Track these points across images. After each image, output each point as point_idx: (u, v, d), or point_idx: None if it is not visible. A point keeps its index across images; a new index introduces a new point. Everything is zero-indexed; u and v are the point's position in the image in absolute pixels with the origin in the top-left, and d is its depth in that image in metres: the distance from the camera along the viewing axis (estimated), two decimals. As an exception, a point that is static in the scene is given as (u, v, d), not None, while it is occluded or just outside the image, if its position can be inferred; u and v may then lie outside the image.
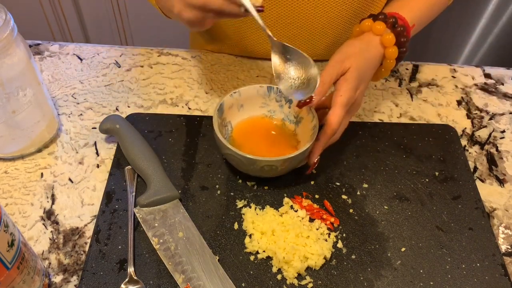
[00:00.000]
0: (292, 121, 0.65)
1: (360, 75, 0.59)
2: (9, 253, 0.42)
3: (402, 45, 0.62)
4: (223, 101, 0.61)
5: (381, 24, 0.61)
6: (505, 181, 0.66)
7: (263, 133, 0.65)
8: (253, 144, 0.63)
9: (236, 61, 0.82)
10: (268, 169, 0.57)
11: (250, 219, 0.57)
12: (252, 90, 0.64)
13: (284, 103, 0.64)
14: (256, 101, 0.65)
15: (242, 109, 0.65)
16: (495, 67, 0.84)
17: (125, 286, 0.51)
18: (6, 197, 0.60)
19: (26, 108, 0.60)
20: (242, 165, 0.57)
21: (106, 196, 0.60)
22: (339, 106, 0.57)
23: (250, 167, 0.57)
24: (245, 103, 0.64)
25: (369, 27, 0.62)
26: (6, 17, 0.54)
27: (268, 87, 0.64)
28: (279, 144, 0.64)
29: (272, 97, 0.65)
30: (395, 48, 0.61)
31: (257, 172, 0.58)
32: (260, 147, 0.62)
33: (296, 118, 0.64)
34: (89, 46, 0.84)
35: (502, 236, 0.59)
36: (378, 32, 0.61)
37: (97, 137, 0.68)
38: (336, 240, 0.56)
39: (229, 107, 0.63)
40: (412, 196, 0.62)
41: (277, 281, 0.53)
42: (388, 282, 0.53)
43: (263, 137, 0.65)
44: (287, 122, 0.65)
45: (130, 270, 0.52)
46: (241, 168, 0.60)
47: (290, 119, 0.65)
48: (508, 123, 0.74)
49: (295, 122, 0.64)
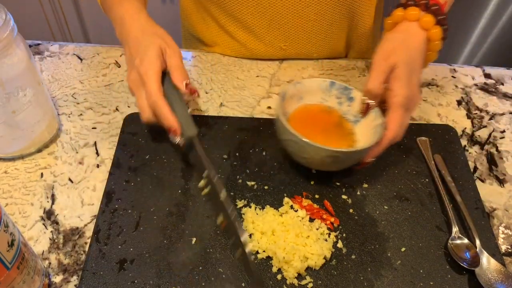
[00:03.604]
0: (350, 120, 0.64)
1: (409, 68, 0.57)
2: (9, 253, 0.42)
3: (442, 23, 0.59)
4: (287, 90, 0.61)
5: (414, 9, 0.59)
6: (505, 181, 0.66)
7: (320, 126, 0.64)
8: (309, 135, 0.59)
9: (236, 61, 0.82)
10: (329, 161, 0.56)
11: (250, 219, 0.57)
12: (315, 83, 0.63)
13: (344, 100, 0.64)
14: (316, 94, 0.64)
15: (301, 101, 0.64)
16: (495, 67, 0.84)
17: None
18: (6, 197, 0.60)
19: (26, 108, 0.60)
20: (304, 152, 0.56)
21: (106, 196, 0.60)
22: (396, 108, 0.56)
23: (311, 156, 0.56)
24: (305, 96, 0.64)
25: (402, 16, 0.60)
26: (6, 17, 0.54)
27: (331, 82, 0.63)
28: (335, 140, 0.62)
29: (332, 93, 0.64)
30: (438, 27, 0.59)
31: (315, 163, 0.57)
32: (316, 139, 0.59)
33: (355, 117, 0.63)
34: (89, 46, 0.84)
35: (502, 236, 0.59)
36: (413, 18, 0.59)
37: (97, 137, 0.68)
38: (336, 240, 0.56)
39: (290, 97, 0.62)
40: (412, 196, 0.62)
41: (277, 281, 0.53)
42: (388, 282, 0.53)
43: (319, 130, 0.63)
44: (345, 120, 0.64)
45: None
46: (298, 156, 0.58)
47: (348, 117, 0.64)
48: (508, 123, 0.74)
49: (353, 121, 0.64)
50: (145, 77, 0.58)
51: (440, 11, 0.59)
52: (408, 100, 0.57)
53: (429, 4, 0.59)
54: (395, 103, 0.56)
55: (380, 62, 0.57)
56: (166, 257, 0.54)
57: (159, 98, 0.57)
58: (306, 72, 0.81)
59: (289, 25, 0.77)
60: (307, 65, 0.82)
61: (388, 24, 0.63)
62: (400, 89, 0.56)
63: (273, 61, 0.83)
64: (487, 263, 0.54)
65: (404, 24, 0.60)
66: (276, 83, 0.78)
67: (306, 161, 0.59)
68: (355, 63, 0.83)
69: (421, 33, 0.59)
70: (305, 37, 0.79)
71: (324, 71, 0.81)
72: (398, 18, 0.61)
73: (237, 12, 0.76)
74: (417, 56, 0.59)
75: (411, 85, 0.57)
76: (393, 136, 0.57)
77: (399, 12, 0.60)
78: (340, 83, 0.63)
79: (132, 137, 0.67)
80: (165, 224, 0.57)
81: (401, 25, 0.61)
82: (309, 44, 0.81)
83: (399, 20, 0.61)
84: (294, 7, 0.74)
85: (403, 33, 0.60)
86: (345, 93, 0.63)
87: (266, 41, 0.80)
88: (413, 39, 0.59)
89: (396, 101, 0.56)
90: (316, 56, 0.83)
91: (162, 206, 0.59)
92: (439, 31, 0.59)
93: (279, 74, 0.80)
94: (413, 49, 0.59)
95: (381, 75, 0.57)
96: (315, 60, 0.83)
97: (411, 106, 0.59)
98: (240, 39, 0.80)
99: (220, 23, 0.80)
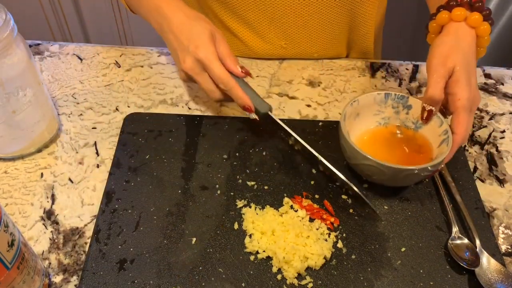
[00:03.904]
0: (409, 127, 0.64)
1: (467, 70, 0.57)
2: (9, 253, 0.42)
3: (488, 18, 0.59)
4: (345, 111, 0.60)
5: (460, 9, 0.59)
6: (505, 181, 0.66)
7: (381, 142, 0.64)
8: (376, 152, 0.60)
9: (236, 61, 0.82)
10: (410, 178, 0.56)
11: (250, 219, 0.57)
12: (370, 97, 0.63)
13: (401, 109, 0.63)
14: (371, 108, 0.64)
15: (358, 118, 0.64)
16: (495, 67, 0.84)
17: None
18: (6, 197, 0.60)
19: (26, 108, 0.60)
20: (382, 175, 0.56)
21: (106, 196, 0.60)
22: (461, 112, 0.56)
23: (392, 177, 0.56)
24: (361, 112, 0.63)
25: (447, 18, 0.60)
26: (6, 17, 0.54)
27: (386, 94, 0.63)
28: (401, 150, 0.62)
29: (388, 103, 0.63)
30: (486, 23, 0.59)
31: (396, 181, 0.58)
32: (384, 155, 0.60)
33: (415, 124, 0.63)
34: (89, 46, 0.84)
35: (502, 236, 0.59)
36: (460, 18, 0.59)
37: (97, 137, 0.68)
38: (336, 240, 0.56)
39: (348, 117, 0.61)
40: (412, 196, 0.62)
41: (277, 281, 0.53)
42: (388, 282, 0.53)
43: (383, 146, 0.63)
44: (404, 128, 0.64)
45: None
46: (376, 178, 0.58)
47: (408, 125, 0.64)
48: (508, 123, 0.74)
49: (414, 128, 0.63)
50: (207, 61, 0.60)
51: (483, 7, 0.59)
52: (471, 102, 0.57)
53: (472, 2, 0.59)
54: (459, 107, 0.56)
55: (438, 67, 0.57)
56: (166, 257, 0.54)
57: (230, 79, 0.61)
58: (306, 72, 0.81)
59: (290, 24, 0.77)
60: (307, 65, 0.82)
61: (433, 27, 0.62)
62: (462, 92, 0.56)
63: (273, 61, 0.83)
64: (487, 263, 0.54)
65: (452, 25, 0.60)
66: (276, 83, 0.78)
67: (384, 181, 0.59)
68: (355, 63, 0.83)
69: (470, 32, 0.59)
70: (306, 36, 0.79)
71: (324, 71, 0.81)
72: (444, 20, 0.60)
73: (239, 9, 0.77)
74: (471, 56, 0.59)
75: (471, 86, 0.57)
76: (462, 140, 0.56)
77: (444, 14, 0.60)
78: (396, 93, 0.63)
79: (132, 137, 0.67)
80: (165, 224, 0.57)
81: (448, 26, 0.60)
82: (310, 43, 0.81)
83: (445, 22, 0.60)
84: (296, 6, 0.74)
85: (453, 35, 0.59)
86: (401, 102, 0.63)
87: (266, 39, 0.80)
88: (465, 40, 0.59)
89: (460, 105, 0.56)
90: (316, 56, 0.83)
91: (162, 206, 0.59)
92: (488, 27, 0.59)
93: (279, 74, 0.80)
94: (467, 50, 0.58)
95: (441, 81, 0.56)
96: (315, 60, 0.83)
97: (474, 107, 0.58)
98: (241, 36, 0.81)
99: (222, 20, 0.80)
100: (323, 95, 0.77)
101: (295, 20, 0.77)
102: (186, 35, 0.61)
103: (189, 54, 0.61)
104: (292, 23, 0.77)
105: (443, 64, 0.56)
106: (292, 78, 0.80)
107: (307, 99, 0.76)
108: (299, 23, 0.77)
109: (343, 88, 0.78)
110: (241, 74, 0.62)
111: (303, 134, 0.68)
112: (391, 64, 0.83)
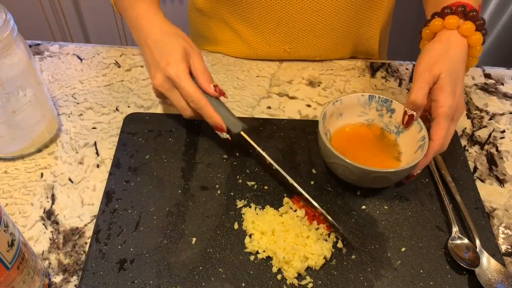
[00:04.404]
0: (392, 131, 0.64)
1: (453, 78, 0.57)
2: (9, 253, 0.42)
3: (481, 28, 0.59)
4: (326, 110, 0.60)
5: (453, 17, 0.59)
6: (505, 181, 0.66)
7: (362, 141, 0.64)
8: (354, 153, 0.61)
9: (236, 61, 0.82)
10: (379, 180, 0.56)
11: (250, 219, 0.57)
12: (353, 98, 0.63)
13: (384, 112, 0.63)
14: (355, 109, 0.64)
15: (340, 118, 0.64)
16: (495, 67, 0.84)
17: None
18: (6, 197, 0.60)
19: (26, 108, 0.60)
20: (352, 175, 0.56)
21: (106, 196, 0.60)
22: (442, 119, 0.55)
23: (360, 178, 0.56)
24: (344, 112, 0.64)
25: (440, 26, 0.60)
26: (6, 17, 0.54)
27: (370, 96, 0.63)
28: (380, 153, 0.62)
29: (372, 105, 0.64)
30: (478, 33, 0.59)
31: (365, 183, 0.57)
32: (361, 156, 0.60)
33: (397, 128, 0.63)
34: (89, 46, 0.84)
35: (502, 236, 0.59)
36: (453, 26, 0.59)
37: (97, 137, 0.68)
38: (336, 240, 0.56)
39: (330, 116, 0.62)
40: (412, 196, 0.62)
41: (277, 281, 0.53)
42: (388, 282, 0.53)
43: (363, 146, 0.63)
44: (387, 132, 0.64)
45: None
46: (346, 177, 0.58)
47: (391, 128, 0.64)
48: (508, 123, 0.74)
49: (396, 132, 0.63)
50: (177, 78, 0.59)
51: (477, 16, 0.59)
52: (453, 111, 0.56)
53: (466, 11, 0.59)
54: (440, 114, 0.56)
55: (424, 73, 0.56)
56: (166, 257, 0.54)
57: (201, 98, 0.59)
58: (306, 72, 0.81)
59: (296, 29, 0.77)
60: (307, 65, 0.82)
61: (426, 34, 0.62)
62: (445, 100, 0.55)
63: (273, 61, 0.83)
64: (487, 263, 0.54)
65: (444, 33, 0.59)
66: (276, 83, 0.78)
67: (354, 181, 0.59)
68: (355, 63, 0.83)
69: (462, 41, 0.59)
70: (310, 41, 0.79)
71: (324, 71, 0.81)
72: (437, 28, 0.60)
73: (246, 12, 0.77)
74: (459, 65, 0.58)
75: (455, 95, 0.57)
76: (439, 147, 0.56)
77: (438, 21, 0.60)
78: (380, 96, 0.63)
79: (132, 137, 0.67)
80: (165, 224, 0.57)
81: (441, 34, 0.60)
82: (314, 48, 0.80)
83: (438, 30, 0.60)
84: (303, 11, 0.74)
85: (444, 42, 0.59)
86: (385, 105, 0.63)
87: (271, 42, 0.80)
88: (455, 48, 0.58)
89: (442, 112, 0.55)
90: (319, 59, 0.83)
91: (162, 206, 0.59)
92: (480, 36, 0.59)
93: (279, 74, 0.80)
94: (455, 59, 0.58)
95: (425, 86, 0.56)
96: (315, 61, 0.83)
97: (456, 116, 0.58)
98: (245, 38, 0.81)
99: (227, 21, 0.80)
100: (323, 95, 0.77)
101: (302, 26, 0.77)
102: (159, 51, 0.61)
103: (160, 70, 0.60)
104: (298, 28, 0.77)
105: (429, 70, 0.56)
106: (292, 78, 0.80)
107: (307, 99, 0.76)
108: (305, 29, 0.77)
109: (343, 88, 0.78)
110: (214, 93, 0.60)
111: (303, 134, 0.68)
112: (391, 64, 0.83)
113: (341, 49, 0.82)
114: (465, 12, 0.59)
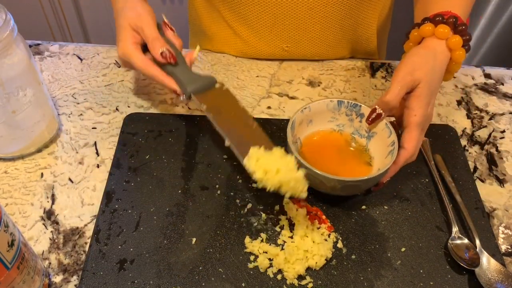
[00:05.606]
0: (363, 136, 0.63)
1: (431, 89, 0.56)
2: (9, 253, 0.42)
3: (466, 44, 0.59)
4: (294, 118, 0.60)
5: (445, 27, 0.58)
6: (505, 181, 0.66)
7: (333, 148, 0.63)
8: (325, 160, 0.60)
9: (236, 61, 0.83)
10: (350, 189, 0.56)
11: (255, 157, 0.52)
12: (322, 104, 0.62)
13: (354, 117, 0.63)
14: (325, 115, 0.64)
15: (310, 124, 0.63)
16: (495, 67, 0.84)
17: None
18: (6, 197, 0.60)
19: (26, 108, 0.60)
20: (322, 184, 0.55)
21: (106, 196, 0.60)
22: (414, 127, 0.55)
23: (331, 186, 0.55)
24: (314, 118, 0.63)
25: (431, 32, 0.59)
26: (6, 17, 0.54)
27: (339, 101, 0.62)
28: (351, 160, 0.62)
29: (342, 111, 0.63)
30: (462, 49, 0.58)
31: (336, 191, 0.57)
32: (331, 163, 0.60)
33: (367, 133, 0.63)
34: (89, 46, 0.84)
35: (502, 236, 0.59)
36: (443, 36, 0.58)
37: (97, 137, 0.68)
38: (336, 240, 0.56)
39: (299, 123, 0.61)
40: (412, 196, 0.62)
41: (277, 281, 0.53)
42: (388, 282, 0.53)
43: (334, 153, 0.63)
44: (358, 137, 0.64)
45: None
46: (317, 187, 0.57)
47: (361, 133, 0.63)
48: (508, 123, 0.74)
49: (367, 137, 0.63)
50: (124, 57, 0.62)
51: (466, 31, 0.59)
52: (424, 120, 0.56)
53: (457, 23, 0.59)
54: (413, 123, 0.55)
55: (406, 76, 0.56)
56: (166, 257, 0.54)
57: (150, 68, 0.61)
58: (306, 72, 0.81)
59: (293, 27, 0.77)
60: (307, 65, 0.82)
61: (415, 37, 0.62)
62: (420, 109, 0.55)
63: (273, 61, 0.83)
64: (487, 263, 0.54)
65: (432, 40, 0.59)
66: (276, 83, 0.79)
67: (326, 190, 0.58)
68: (355, 63, 0.83)
69: (446, 53, 0.59)
70: (308, 39, 0.79)
71: (324, 71, 0.81)
72: (427, 33, 0.59)
73: (242, 10, 0.77)
74: (439, 76, 0.58)
75: (429, 106, 0.57)
76: (410, 156, 0.56)
77: (429, 27, 0.59)
78: (349, 101, 0.62)
79: (132, 137, 0.67)
80: (165, 224, 0.57)
81: (428, 40, 0.59)
82: (312, 46, 0.80)
83: (427, 35, 0.60)
84: (298, 10, 0.74)
85: (431, 50, 0.58)
86: (354, 110, 0.62)
87: (269, 41, 0.80)
88: (439, 59, 0.58)
89: (415, 121, 0.55)
90: (318, 58, 0.83)
91: (162, 206, 0.59)
92: (463, 53, 0.59)
93: (279, 74, 0.80)
94: (437, 69, 0.58)
95: (403, 90, 0.56)
96: (315, 60, 0.83)
97: (425, 126, 0.58)
98: (244, 37, 0.81)
99: (227, 20, 0.80)
100: (323, 95, 0.77)
101: (298, 24, 0.77)
102: (116, 31, 0.64)
103: (117, 49, 0.63)
104: (295, 26, 0.77)
105: (411, 74, 0.56)
106: (292, 78, 0.80)
107: (307, 99, 0.76)
108: (301, 27, 0.77)
109: (343, 88, 0.78)
110: (162, 60, 0.60)
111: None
112: (391, 64, 0.83)
113: (339, 47, 0.82)
114: (456, 24, 0.59)
